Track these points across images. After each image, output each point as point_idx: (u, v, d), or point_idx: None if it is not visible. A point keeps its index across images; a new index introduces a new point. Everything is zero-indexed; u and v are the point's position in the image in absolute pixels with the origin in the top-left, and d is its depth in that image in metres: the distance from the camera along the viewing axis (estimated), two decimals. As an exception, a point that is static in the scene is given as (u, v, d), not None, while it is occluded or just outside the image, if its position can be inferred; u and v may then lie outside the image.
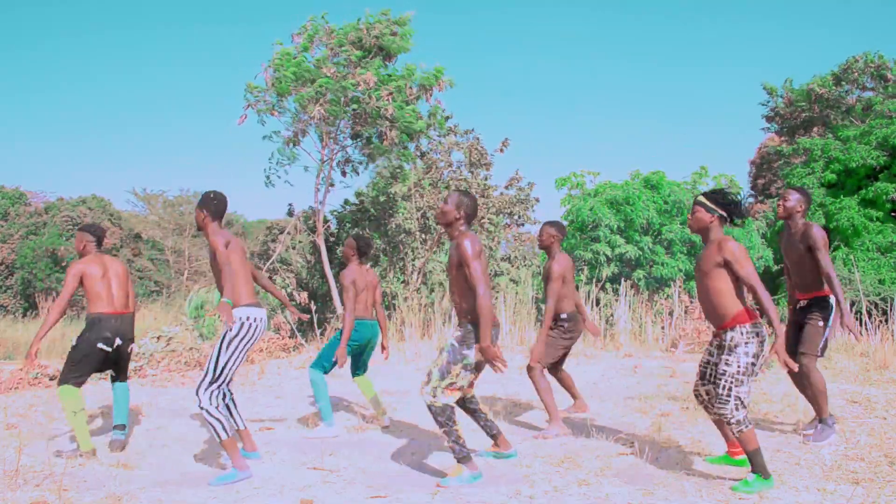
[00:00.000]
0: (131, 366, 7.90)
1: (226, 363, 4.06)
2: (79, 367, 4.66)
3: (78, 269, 4.73)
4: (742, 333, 3.71)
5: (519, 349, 8.85)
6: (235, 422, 4.47)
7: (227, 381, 4.12)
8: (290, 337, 9.90)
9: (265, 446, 4.74)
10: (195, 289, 14.73)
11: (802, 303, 4.64)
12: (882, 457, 4.20)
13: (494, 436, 4.34)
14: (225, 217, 4.40)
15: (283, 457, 4.53)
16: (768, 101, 21.55)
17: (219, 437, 4.00)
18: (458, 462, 3.91)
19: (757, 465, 3.69)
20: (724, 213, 3.83)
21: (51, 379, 7.37)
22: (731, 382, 3.70)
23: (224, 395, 4.30)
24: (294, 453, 4.59)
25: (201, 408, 4.01)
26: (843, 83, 19.20)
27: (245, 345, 4.12)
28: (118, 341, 4.76)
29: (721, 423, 4.05)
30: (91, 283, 4.72)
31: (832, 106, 19.24)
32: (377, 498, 3.69)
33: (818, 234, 4.46)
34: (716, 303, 3.76)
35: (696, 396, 4.08)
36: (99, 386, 6.82)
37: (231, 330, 4.05)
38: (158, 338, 8.60)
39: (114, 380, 4.95)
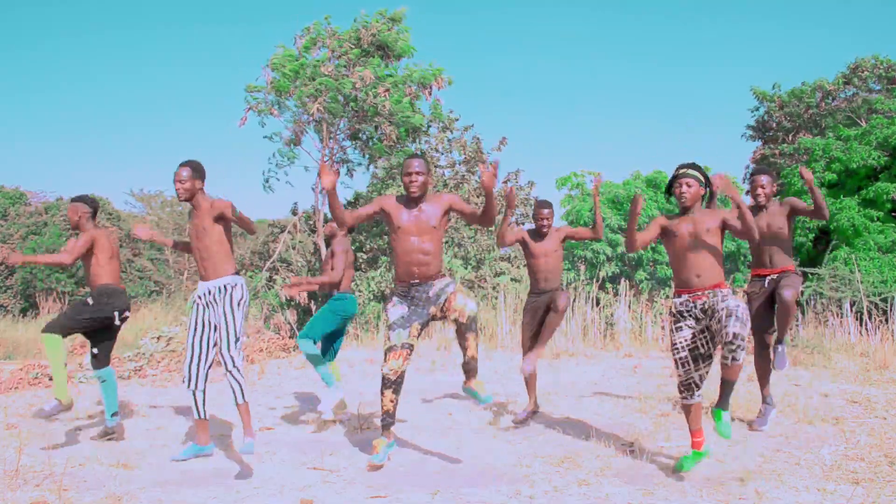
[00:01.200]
0: (131, 366, 7.92)
1: (241, 325, 4.34)
2: (78, 322, 4.76)
3: (92, 235, 4.83)
4: (728, 293, 3.92)
5: (519, 349, 8.85)
6: (202, 412, 4.48)
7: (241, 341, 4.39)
8: (290, 337, 9.90)
9: (265, 446, 4.74)
10: (195, 290, 14.72)
11: (773, 276, 4.94)
12: (882, 457, 4.20)
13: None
14: None
15: (283, 457, 4.53)
16: (758, 108, 21.44)
17: (240, 398, 4.26)
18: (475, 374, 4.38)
19: (728, 397, 3.91)
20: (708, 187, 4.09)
21: (51, 379, 7.37)
22: (743, 310, 3.80)
23: (201, 384, 4.42)
24: (294, 453, 4.59)
25: (235, 367, 4.23)
26: (855, 82, 19.15)
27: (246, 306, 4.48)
28: (126, 313, 4.96)
29: (696, 410, 4.04)
30: (104, 256, 4.86)
31: (839, 107, 19.17)
32: (377, 498, 3.69)
33: (796, 198, 5.00)
34: (715, 262, 3.94)
35: (689, 387, 3.99)
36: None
37: (242, 296, 4.37)
38: (158, 338, 8.60)
39: (98, 365, 4.96)
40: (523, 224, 14.39)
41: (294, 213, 14.00)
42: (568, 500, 3.62)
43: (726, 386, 3.88)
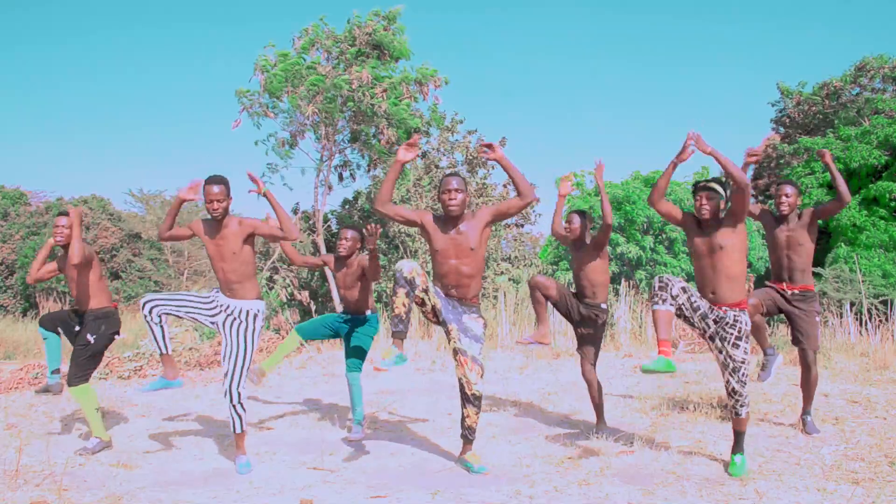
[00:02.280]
0: (131, 366, 7.93)
1: (251, 357, 4.26)
2: (93, 361, 4.77)
3: (90, 252, 4.75)
4: (747, 322, 3.89)
5: (519, 348, 8.85)
6: (163, 345, 4.31)
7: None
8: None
9: (265, 446, 4.74)
10: (195, 289, 14.71)
11: (794, 293, 4.77)
12: (882, 457, 4.20)
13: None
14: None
15: (283, 457, 4.53)
16: (778, 101, 21.36)
17: (238, 428, 4.21)
18: (470, 444, 4.21)
19: (741, 444, 4.03)
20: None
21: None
22: (745, 368, 3.88)
23: (156, 317, 4.24)
24: (294, 453, 4.59)
25: (239, 402, 4.16)
26: (860, 81, 19.13)
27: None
28: (120, 335, 4.93)
29: (665, 317, 3.88)
30: (95, 275, 4.80)
31: (845, 104, 19.13)
32: (377, 498, 3.69)
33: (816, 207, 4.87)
34: (731, 281, 3.87)
35: (664, 289, 3.77)
36: (99, 385, 6.82)
37: (258, 323, 4.27)
38: (158, 338, 8.59)
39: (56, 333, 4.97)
40: (522, 226, 14.41)
41: (294, 212, 14.00)
42: (568, 500, 3.61)
43: (738, 435, 4.03)
